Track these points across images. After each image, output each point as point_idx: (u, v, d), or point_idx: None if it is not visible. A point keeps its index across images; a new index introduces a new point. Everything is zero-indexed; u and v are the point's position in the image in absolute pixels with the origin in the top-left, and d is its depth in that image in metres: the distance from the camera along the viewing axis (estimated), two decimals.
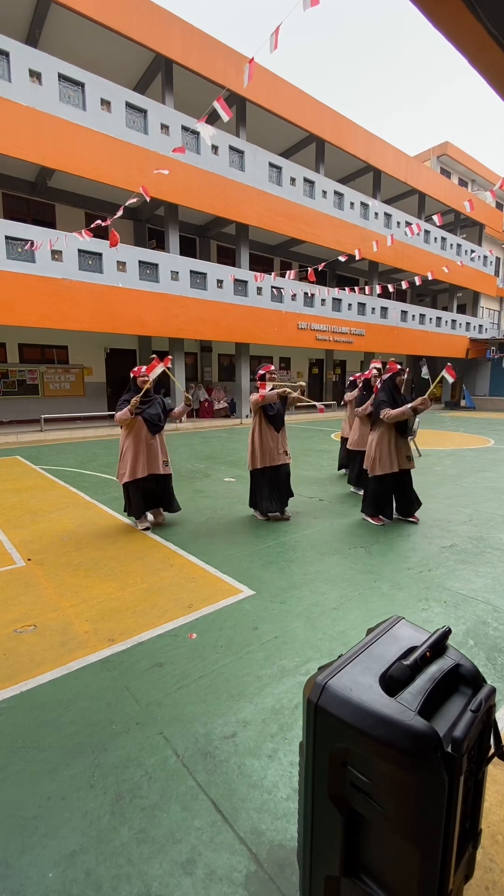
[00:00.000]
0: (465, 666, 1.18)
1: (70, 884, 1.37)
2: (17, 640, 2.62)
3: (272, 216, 14.68)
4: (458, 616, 2.89)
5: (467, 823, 1.14)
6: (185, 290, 13.03)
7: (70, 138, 10.52)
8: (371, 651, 1.18)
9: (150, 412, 4.44)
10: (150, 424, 4.44)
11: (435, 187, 20.57)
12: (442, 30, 1.65)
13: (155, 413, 4.47)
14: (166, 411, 4.60)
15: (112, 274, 11.58)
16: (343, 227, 16.82)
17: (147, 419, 4.42)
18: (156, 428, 4.48)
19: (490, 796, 1.65)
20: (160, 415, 4.51)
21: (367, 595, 3.17)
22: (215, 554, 3.91)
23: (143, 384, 4.40)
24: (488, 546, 4.12)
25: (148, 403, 4.47)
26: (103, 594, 3.18)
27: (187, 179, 12.54)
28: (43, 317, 10.65)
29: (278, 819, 1.57)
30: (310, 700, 1.09)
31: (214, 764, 1.78)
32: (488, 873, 1.40)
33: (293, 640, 2.61)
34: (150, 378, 4.36)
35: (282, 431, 4.77)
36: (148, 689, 2.21)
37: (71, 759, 1.81)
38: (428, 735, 0.95)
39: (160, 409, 4.55)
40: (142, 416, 4.41)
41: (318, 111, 15.42)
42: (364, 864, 1.09)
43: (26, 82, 9.84)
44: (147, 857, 1.45)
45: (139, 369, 4.46)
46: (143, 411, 4.42)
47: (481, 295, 25.49)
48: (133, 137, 11.51)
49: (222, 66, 12.81)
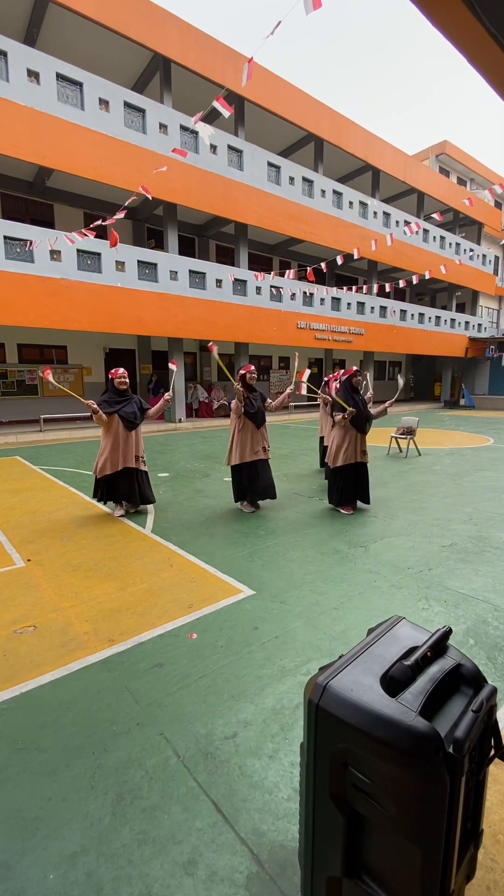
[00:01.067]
0: (465, 666, 1.18)
1: (71, 885, 1.36)
2: (16, 641, 2.62)
3: (271, 215, 14.67)
4: (459, 615, 2.89)
5: (469, 823, 1.14)
6: (185, 290, 13.02)
7: (68, 138, 10.50)
8: (372, 651, 1.18)
9: (126, 410, 4.81)
10: (126, 422, 4.78)
11: (434, 186, 20.56)
12: (441, 28, 1.65)
13: (131, 411, 4.83)
14: (142, 410, 4.95)
15: (111, 274, 11.56)
16: (342, 226, 16.81)
17: (123, 416, 4.77)
18: (131, 425, 4.83)
19: (491, 796, 1.65)
20: (136, 413, 4.87)
21: (367, 594, 3.17)
22: (215, 554, 3.91)
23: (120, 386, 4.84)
24: (488, 545, 4.12)
25: (125, 402, 4.84)
26: (103, 594, 3.17)
27: (186, 179, 12.53)
28: (42, 317, 10.64)
29: (279, 819, 1.56)
30: (311, 700, 1.09)
31: (215, 764, 1.78)
32: (490, 873, 1.40)
33: (293, 640, 2.61)
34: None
35: (262, 429, 5.02)
36: (148, 690, 2.21)
37: (71, 760, 1.80)
38: (429, 736, 0.95)
39: (136, 407, 4.90)
40: (118, 414, 4.77)
41: (316, 110, 15.41)
42: (365, 865, 1.09)
43: (24, 82, 9.82)
44: (148, 858, 1.44)
45: (116, 371, 4.89)
46: (119, 409, 4.78)
47: (480, 294, 25.50)
48: (131, 137, 11.50)
49: (221, 66, 12.80)
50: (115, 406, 4.77)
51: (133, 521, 4.82)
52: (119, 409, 4.77)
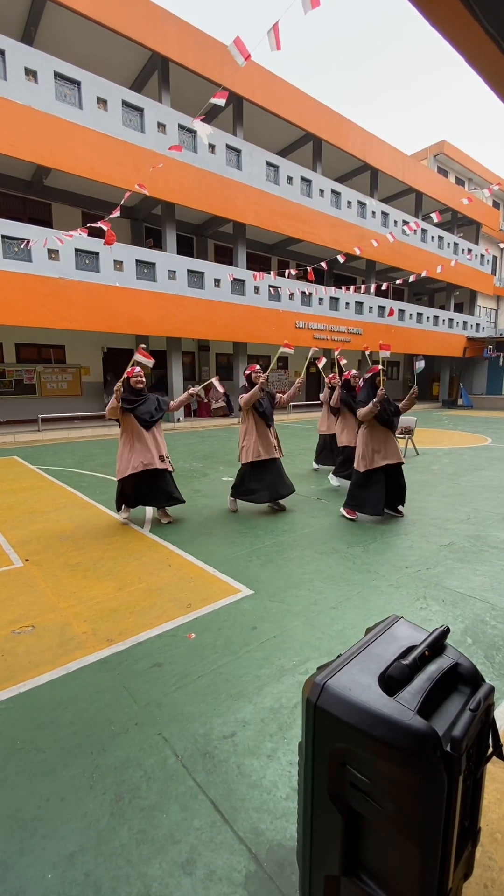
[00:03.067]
0: (463, 665, 1.18)
1: (69, 885, 1.36)
2: (15, 641, 2.62)
3: (269, 215, 14.66)
4: (457, 615, 2.90)
5: (466, 822, 1.14)
6: (183, 290, 13.01)
7: (66, 137, 10.48)
8: (370, 650, 1.18)
9: (141, 409, 4.57)
10: (142, 421, 4.57)
11: (432, 186, 20.58)
12: (439, 28, 1.65)
13: (146, 410, 4.59)
14: (162, 409, 4.72)
15: (109, 273, 11.55)
16: (340, 225, 16.82)
17: (138, 416, 4.55)
18: (148, 424, 4.60)
19: (489, 794, 1.65)
20: (151, 412, 4.63)
21: (365, 594, 3.17)
22: (213, 553, 3.91)
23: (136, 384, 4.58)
24: (486, 544, 4.13)
25: (141, 401, 4.61)
26: (101, 594, 3.17)
27: (184, 178, 12.52)
28: (40, 316, 10.62)
29: (278, 819, 1.57)
30: (309, 700, 1.09)
31: (214, 764, 1.78)
32: (487, 871, 1.40)
33: (292, 640, 2.61)
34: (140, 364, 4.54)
35: (272, 427, 4.99)
36: (147, 690, 2.20)
37: (70, 760, 1.80)
38: (427, 734, 0.95)
39: (154, 406, 4.67)
40: (133, 413, 4.54)
41: (315, 110, 15.41)
42: (363, 864, 1.09)
43: (22, 80, 9.80)
44: (146, 857, 1.44)
45: (132, 370, 4.60)
46: (135, 408, 4.55)
47: (478, 293, 25.54)
48: (130, 136, 11.48)
49: (219, 65, 12.78)
50: (131, 405, 4.54)
51: (131, 521, 4.81)
52: (135, 407, 4.55)
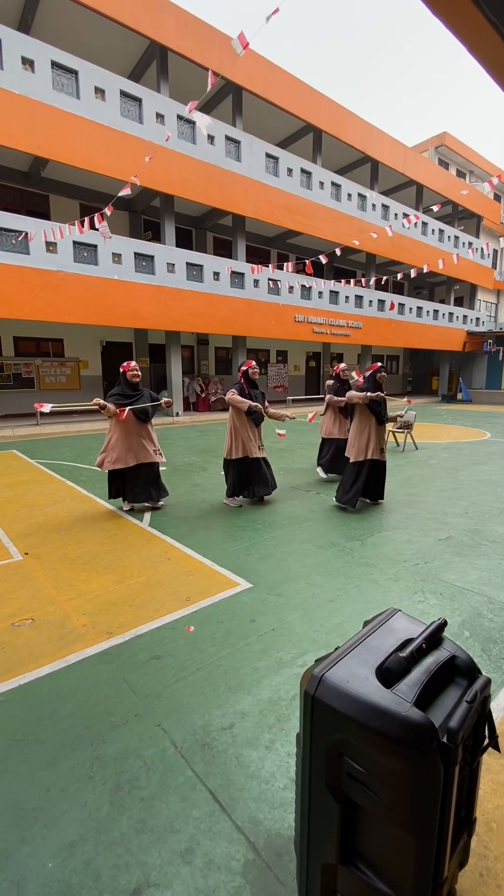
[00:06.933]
0: (460, 657, 1.19)
1: (69, 873, 1.38)
2: (14, 634, 2.63)
3: (269, 207, 14.54)
4: (454, 608, 2.92)
5: (462, 812, 1.16)
6: (182, 283, 12.93)
7: (64, 127, 10.36)
8: (368, 643, 1.19)
9: (139, 404, 4.69)
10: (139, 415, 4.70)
11: (433, 178, 20.41)
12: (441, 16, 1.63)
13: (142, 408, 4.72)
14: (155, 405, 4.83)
15: (107, 266, 11.47)
16: (340, 218, 16.70)
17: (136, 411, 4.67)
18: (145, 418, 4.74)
19: (484, 785, 1.67)
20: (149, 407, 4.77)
21: (363, 587, 3.18)
22: (212, 547, 3.92)
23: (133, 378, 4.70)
24: (484, 538, 4.14)
25: (138, 395, 4.74)
26: (101, 588, 3.18)
27: (183, 170, 12.40)
28: (37, 310, 10.55)
29: (275, 808, 1.58)
30: (307, 692, 1.10)
31: (212, 755, 1.80)
32: (482, 860, 1.42)
33: (290, 633, 2.63)
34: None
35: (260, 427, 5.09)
36: (146, 682, 2.22)
37: (70, 752, 1.82)
38: (424, 726, 0.96)
39: (149, 400, 4.79)
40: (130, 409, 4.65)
41: (315, 100, 15.24)
42: (360, 853, 1.10)
43: (19, 70, 9.67)
44: (146, 846, 1.46)
45: (128, 364, 4.74)
46: (132, 402, 4.66)
47: (478, 287, 25.43)
48: (128, 127, 11.35)
49: (218, 54, 12.62)
50: (128, 400, 4.65)
51: (131, 514, 4.82)
52: (132, 402, 4.65)
